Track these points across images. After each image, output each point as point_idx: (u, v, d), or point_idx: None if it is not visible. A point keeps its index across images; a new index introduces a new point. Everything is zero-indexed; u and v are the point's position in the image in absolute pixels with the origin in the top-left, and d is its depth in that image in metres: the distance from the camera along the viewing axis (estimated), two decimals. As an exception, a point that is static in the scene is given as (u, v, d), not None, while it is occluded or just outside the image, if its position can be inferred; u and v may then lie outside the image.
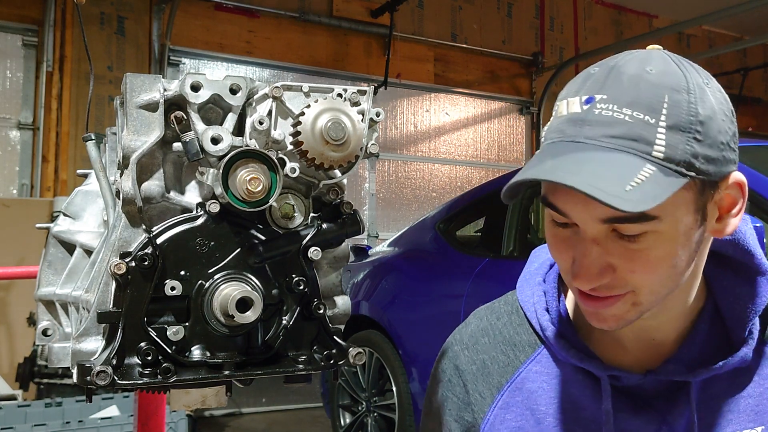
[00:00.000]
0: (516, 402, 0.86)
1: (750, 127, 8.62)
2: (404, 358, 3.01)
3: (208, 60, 5.79)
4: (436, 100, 6.83)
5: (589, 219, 0.69)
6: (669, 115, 0.67)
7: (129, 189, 0.71)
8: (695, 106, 0.68)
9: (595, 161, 0.67)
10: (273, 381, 0.82)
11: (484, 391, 0.89)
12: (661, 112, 0.67)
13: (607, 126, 0.68)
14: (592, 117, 0.69)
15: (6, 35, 5.10)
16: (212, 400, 0.89)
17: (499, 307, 0.95)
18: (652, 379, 0.80)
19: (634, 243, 0.69)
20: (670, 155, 0.67)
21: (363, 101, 0.77)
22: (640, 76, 0.69)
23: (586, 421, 0.82)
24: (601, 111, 0.69)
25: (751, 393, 0.80)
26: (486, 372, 0.90)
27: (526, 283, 0.93)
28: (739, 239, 0.82)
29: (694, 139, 0.67)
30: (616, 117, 0.68)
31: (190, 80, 0.74)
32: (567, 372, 0.84)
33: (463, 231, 3.29)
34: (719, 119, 0.69)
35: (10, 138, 5.09)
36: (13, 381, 3.74)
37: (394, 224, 6.45)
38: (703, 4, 6.48)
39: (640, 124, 0.67)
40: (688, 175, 0.67)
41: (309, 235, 0.77)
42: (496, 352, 0.90)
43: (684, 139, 0.67)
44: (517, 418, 0.85)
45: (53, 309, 0.95)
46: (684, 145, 0.67)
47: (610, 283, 0.71)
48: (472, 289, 2.62)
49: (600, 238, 0.70)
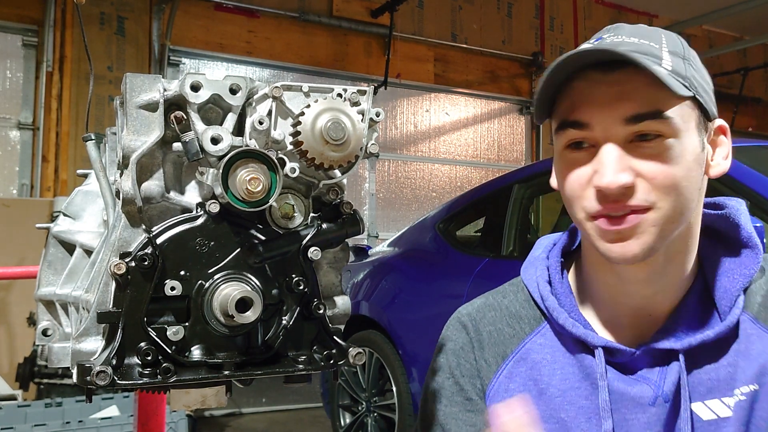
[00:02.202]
0: (520, 372, 0.90)
1: (750, 127, 8.62)
2: (404, 358, 3.01)
3: (208, 60, 5.79)
4: (436, 100, 6.83)
5: (613, 122, 0.75)
6: (667, 44, 0.78)
7: (129, 189, 0.71)
8: (684, 45, 0.80)
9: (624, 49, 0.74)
10: (273, 381, 0.82)
11: (489, 359, 0.93)
12: (662, 41, 0.78)
13: (621, 45, 0.77)
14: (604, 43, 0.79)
15: (6, 35, 5.10)
16: (212, 400, 0.89)
17: (504, 288, 1.00)
18: (644, 351, 0.83)
19: (651, 147, 0.74)
20: (676, 70, 0.75)
21: (363, 101, 0.77)
22: (635, 26, 0.82)
23: (587, 392, 0.85)
24: (612, 39, 0.79)
25: (730, 362, 0.83)
26: (492, 342, 0.93)
27: (530, 264, 0.97)
28: (731, 214, 0.87)
29: (691, 66, 0.78)
30: (626, 41, 0.78)
31: (190, 80, 0.74)
32: (568, 345, 0.88)
33: (463, 231, 3.29)
34: (701, 70, 0.80)
35: (10, 138, 5.09)
36: (13, 381, 3.73)
37: (394, 224, 6.45)
38: (703, 4, 6.48)
39: (647, 46, 0.77)
40: (691, 91, 0.75)
41: (309, 235, 0.77)
42: (502, 325, 0.94)
43: (683, 63, 0.77)
44: (520, 387, 0.89)
45: (53, 309, 0.95)
46: (684, 66, 0.77)
47: (632, 191, 0.74)
48: (472, 289, 2.62)
49: (621, 144, 0.75)
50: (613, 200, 0.75)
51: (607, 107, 0.75)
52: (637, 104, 0.74)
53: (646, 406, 0.82)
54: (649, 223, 0.75)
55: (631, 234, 0.76)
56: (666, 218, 0.76)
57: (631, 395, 0.82)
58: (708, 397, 0.82)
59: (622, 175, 0.74)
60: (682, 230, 0.80)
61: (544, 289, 0.91)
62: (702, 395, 0.82)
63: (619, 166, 0.74)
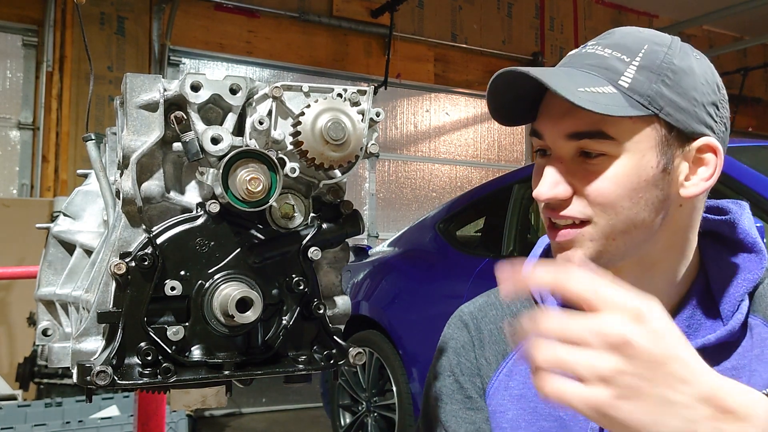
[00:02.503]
0: (520, 370, 0.90)
1: (750, 127, 8.62)
2: (404, 358, 3.01)
3: (208, 60, 5.80)
4: (436, 100, 6.83)
5: (557, 136, 0.78)
6: (644, 58, 0.76)
7: (129, 189, 0.71)
8: (671, 57, 0.76)
9: (564, 73, 0.76)
10: (273, 381, 0.82)
11: (490, 357, 0.93)
12: (637, 55, 0.76)
13: (588, 58, 0.78)
14: (580, 54, 0.80)
15: (6, 35, 5.10)
16: (212, 400, 0.89)
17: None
18: None
19: (592, 164, 0.76)
20: (635, 87, 0.74)
21: (363, 101, 0.77)
22: (630, 33, 0.80)
23: None
24: (587, 50, 0.80)
25: (735, 365, 0.82)
26: (493, 340, 0.94)
27: (531, 264, 0.98)
28: (735, 219, 0.86)
29: (663, 83, 0.74)
30: (597, 53, 0.78)
31: (190, 80, 0.74)
32: None
33: (463, 231, 3.29)
34: (698, 80, 0.76)
35: (10, 138, 5.09)
36: (13, 381, 3.74)
37: (394, 224, 6.45)
38: (703, 4, 6.48)
39: (614, 60, 0.76)
40: (650, 110, 0.73)
41: (309, 235, 0.77)
42: (504, 324, 0.95)
43: (652, 78, 0.74)
44: (520, 386, 0.89)
45: (53, 309, 0.95)
46: (651, 83, 0.74)
47: (568, 203, 0.77)
48: (473, 289, 2.62)
49: (566, 158, 0.78)
50: (551, 208, 0.79)
51: (555, 122, 0.78)
52: (579, 122, 0.75)
53: None
54: (586, 237, 0.78)
55: (568, 245, 0.79)
56: (603, 234, 0.77)
57: None
58: None
59: (554, 188, 0.77)
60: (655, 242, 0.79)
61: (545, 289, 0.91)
62: None
63: (554, 180, 0.77)
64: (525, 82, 0.77)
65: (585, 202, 0.77)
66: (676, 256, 0.83)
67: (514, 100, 0.82)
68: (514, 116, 0.85)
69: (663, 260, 0.82)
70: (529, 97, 0.82)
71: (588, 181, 0.76)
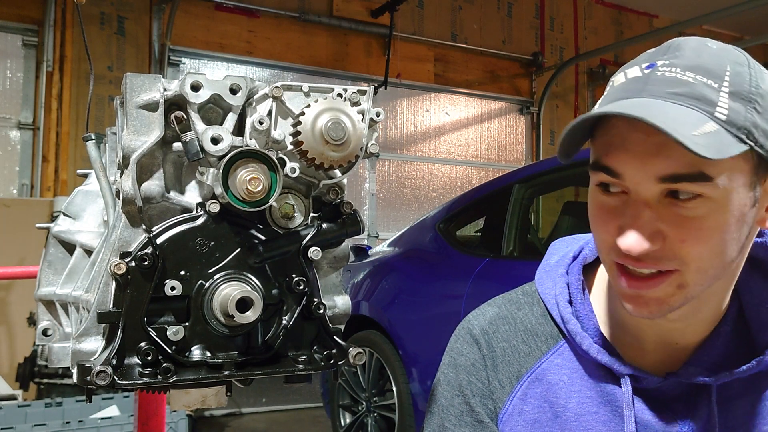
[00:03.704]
0: (535, 393, 0.84)
1: (750, 127, 8.60)
2: (404, 359, 3.01)
3: (208, 60, 5.80)
4: (436, 100, 6.83)
5: (645, 177, 0.67)
6: (732, 83, 0.67)
7: (129, 189, 0.71)
8: (756, 80, 0.68)
9: (661, 108, 0.66)
10: (273, 381, 0.82)
11: (503, 380, 0.86)
12: (724, 79, 0.67)
13: (671, 85, 0.67)
14: (654, 77, 0.69)
15: (6, 35, 5.10)
16: (212, 400, 0.89)
17: (517, 297, 0.92)
18: (672, 382, 0.78)
19: (686, 208, 0.67)
20: (732, 119, 0.65)
21: (363, 101, 0.77)
22: (701, 48, 0.70)
23: (605, 418, 0.80)
24: (663, 73, 0.68)
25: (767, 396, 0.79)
26: (506, 360, 0.87)
27: (546, 275, 0.90)
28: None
29: (755, 110, 0.66)
30: (680, 78, 0.67)
31: (190, 80, 0.74)
32: (588, 368, 0.82)
33: (463, 231, 3.29)
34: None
35: (10, 138, 5.09)
36: (13, 381, 3.74)
37: (394, 224, 6.45)
38: (703, 4, 6.48)
39: (702, 86, 0.67)
40: (747, 143, 0.65)
41: (309, 235, 0.77)
42: (517, 341, 0.87)
43: (745, 107, 0.66)
44: (534, 410, 0.83)
45: (53, 309, 0.95)
46: (745, 112, 0.66)
47: (658, 253, 0.68)
48: (473, 289, 2.62)
49: (653, 202, 0.68)
50: (635, 259, 0.69)
51: (642, 160, 0.67)
52: (676, 162, 0.65)
53: None
54: (674, 285, 0.70)
55: (647, 296, 0.71)
56: (694, 282, 0.70)
57: (654, 427, 0.78)
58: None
59: (646, 242, 0.67)
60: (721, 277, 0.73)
61: (564, 310, 0.84)
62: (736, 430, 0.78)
63: (646, 231, 0.68)
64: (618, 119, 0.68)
65: (676, 250, 0.68)
66: (728, 288, 0.77)
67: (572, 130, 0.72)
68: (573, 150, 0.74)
69: (718, 293, 0.77)
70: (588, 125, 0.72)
71: (682, 227, 0.67)
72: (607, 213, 0.72)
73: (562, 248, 0.93)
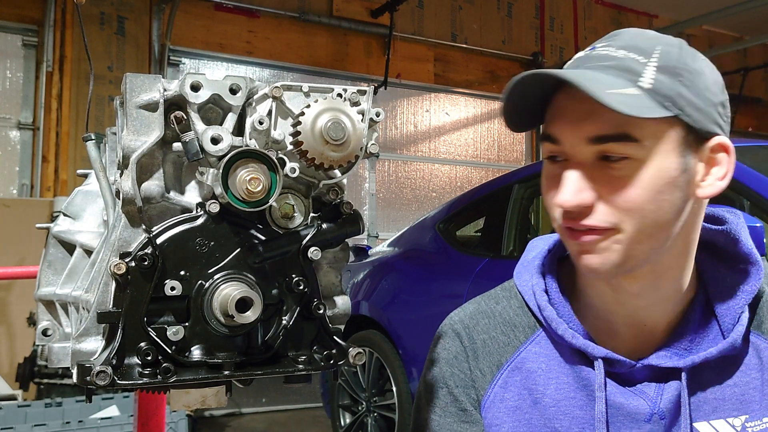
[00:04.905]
0: (515, 381, 0.88)
1: (750, 127, 8.62)
2: (404, 358, 3.01)
3: (208, 60, 5.80)
4: (436, 100, 6.83)
5: (578, 140, 0.75)
6: (660, 59, 0.75)
7: (129, 189, 0.71)
8: (685, 59, 0.76)
9: (588, 74, 0.74)
10: (273, 381, 0.82)
11: (484, 369, 0.91)
12: (652, 55, 0.75)
13: (603, 59, 0.77)
14: (591, 55, 0.79)
15: (6, 35, 5.10)
16: (212, 400, 0.89)
17: (496, 293, 0.98)
18: (644, 366, 0.83)
19: (615, 169, 0.74)
20: (656, 88, 0.73)
21: (363, 101, 0.77)
22: (638, 34, 0.79)
23: (581, 403, 0.84)
24: (599, 51, 0.78)
25: (737, 382, 0.83)
26: (486, 351, 0.91)
27: (524, 269, 0.96)
28: (731, 230, 0.86)
29: (681, 83, 0.74)
30: (611, 54, 0.77)
31: (190, 80, 0.74)
32: (565, 354, 0.87)
33: (463, 231, 3.29)
34: (709, 80, 0.76)
35: (10, 138, 5.09)
36: (13, 381, 3.74)
37: (394, 224, 6.45)
38: (703, 4, 6.48)
39: (631, 60, 0.75)
40: (673, 111, 0.73)
41: (309, 235, 0.77)
42: (496, 333, 0.92)
43: (671, 80, 0.74)
44: (515, 397, 0.88)
45: (53, 309, 0.95)
46: (670, 83, 0.73)
47: (592, 211, 0.75)
48: (472, 289, 2.62)
49: (587, 164, 0.76)
50: (572, 217, 0.77)
51: (575, 125, 0.75)
52: (603, 125, 0.73)
53: (642, 422, 0.82)
54: (613, 241, 0.76)
55: (591, 249, 0.77)
56: (631, 240, 0.75)
57: (627, 409, 0.82)
58: (713, 417, 0.81)
59: (579, 195, 0.75)
60: (670, 247, 0.79)
61: (541, 298, 0.89)
62: (707, 414, 0.82)
63: (577, 186, 0.75)
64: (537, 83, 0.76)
65: (609, 208, 0.75)
66: (684, 261, 0.82)
67: (524, 104, 0.80)
68: (522, 121, 0.82)
69: (674, 267, 0.82)
70: (538, 100, 0.80)
71: (613, 186, 0.74)
72: (552, 180, 0.79)
73: (540, 245, 0.98)
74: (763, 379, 0.82)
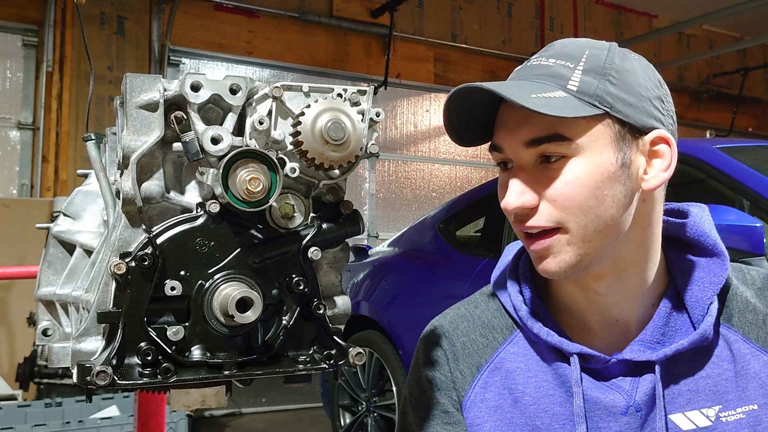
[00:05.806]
0: (495, 382, 0.90)
1: (750, 127, 8.61)
2: (404, 358, 3.01)
3: (208, 60, 5.79)
4: (436, 100, 6.83)
5: (516, 145, 0.80)
6: (587, 63, 0.79)
7: (129, 189, 0.71)
8: (612, 58, 0.79)
9: (515, 84, 0.79)
10: (273, 381, 0.82)
11: (464, 370, 0.92)
12: (580, 61, 0.79)
13: (535, 69, 0.82)
14: (526, 67, 0.84)
15: (6, 35, 5.10)
16: (212, 400, 0.89)
17: (475, 297, 1.01)
18: (619, 360, 0.84)
19: (553, 169, 0.78)
20: (583, 89, 0.77)
21: (363, 101, 0.77)
22: (568, 43, 0.84)
23: (561, 400, 0.86)
24: (532, 63, 0.84)
25: (710, 374, 0.84)
26: (466, 353, 0.94)
27: (500, 273, 0.99)
28: (696, 223, 0.88)
29: (609, 82, 0.77)
30: (542, 63, 0.82)
31: (190, 80, 0.74)
32: (542, 353, 0.89)
33: (463, 231, 3.29)
34: (640, 77, 0.80)
35: (10, 138, 5.09)
36: (13, 381, 3.74)
37: (394, 224, 6.45)
38: (703, 4, 6.48)
39: (560, 67, 0.80)
40: (601, 108, 0.76)
41: (309, 235, 0.77)
42: (476, 335, 0.94)
43: (598, 79, 0.78)
44: (495, 397, 0.89)
45: (53, 309, 0.95)
46: (598, 83, 0.77)
47: (537, 213, 0.79)
48: (472, 289, 2.62)
49: (527, 167, 0.80)
50: (520, 220, 0.81)
51: (512, 131, 0.80)
52: (536, 128, 0.77)
53: (618, 415, 0.83)
54: (563, 242, 0.79)
55: (545, 254, 0.80)
56: (578, 238, 0.78)
57: (603, 403, 0.84)
58: (687, 408, 0.83)
59: (521, 197, 0.79)
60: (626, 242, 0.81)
61: (516, 299, 0.91)
62: (681, 406, 0.83)
63: (520, 189, 0.79)
64: (478, 98, 0.79)
65: (551, 207, 0.78)
66: (645, 255, 0.85)
67: (470, 119, 0.84)
68: (472, 136, 0.87)
69: (635, 262, 0.84)
70: (484, 115, 0.84)
71: (553, 186, 0.78)
72: (503, 187, 0.83)
73: (514, 249, 1.00)
74: (736, 370, 0.84)
